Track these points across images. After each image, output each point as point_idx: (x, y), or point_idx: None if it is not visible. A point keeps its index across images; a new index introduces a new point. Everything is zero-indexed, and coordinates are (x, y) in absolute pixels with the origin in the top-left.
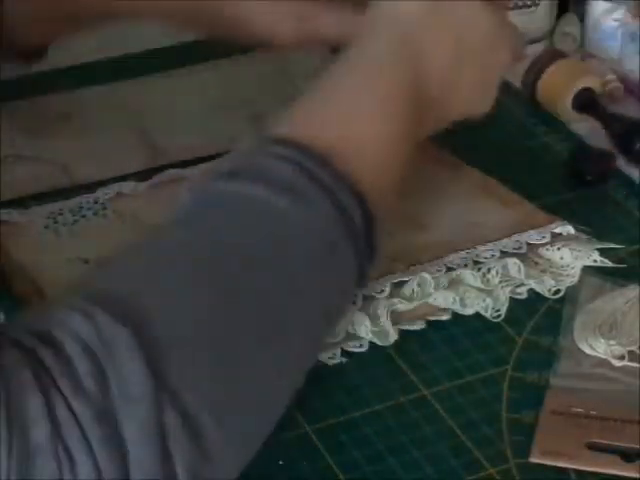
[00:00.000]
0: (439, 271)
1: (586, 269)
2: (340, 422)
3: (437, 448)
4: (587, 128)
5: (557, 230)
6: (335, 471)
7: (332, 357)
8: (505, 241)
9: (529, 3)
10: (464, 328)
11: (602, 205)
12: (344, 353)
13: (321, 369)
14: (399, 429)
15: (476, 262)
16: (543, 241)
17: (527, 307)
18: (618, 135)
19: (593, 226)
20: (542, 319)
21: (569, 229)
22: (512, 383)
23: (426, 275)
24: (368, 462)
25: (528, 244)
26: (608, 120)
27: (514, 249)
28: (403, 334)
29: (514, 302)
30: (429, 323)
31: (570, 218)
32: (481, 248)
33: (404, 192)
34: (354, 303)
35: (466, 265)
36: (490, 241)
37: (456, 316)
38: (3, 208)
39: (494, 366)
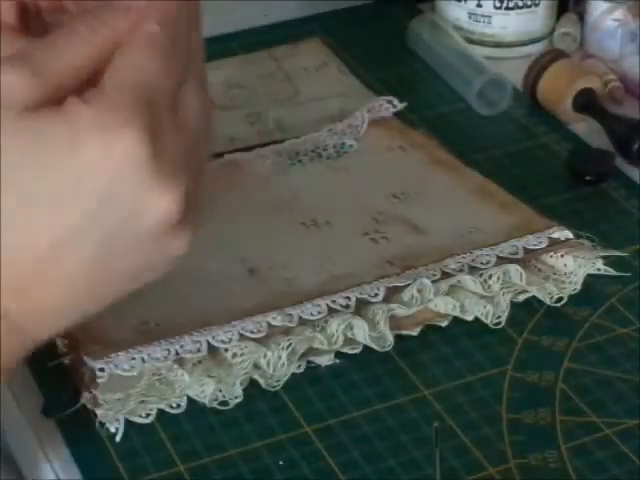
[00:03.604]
0: (434, 275)
1: None
2: (340, 422)
3: None
4: (587, 128)
5: (555, 235)
6: (335, 471)
7: (326, 360)
8: (502, 246)
9: (529, 3)
10: (464, 328)
11: (602, 205)
12: (338, 354)
13: (321, 369)
14: (399, 429)
15: (472, 267)
16: (540, 246)
17: (528, 307)
18: (618, 135)
19: (593, 226)
20: (542, 319)
21: (567, 234)
22: (512, 383)
23: (426, 281)
24: (368, 462)
25: (529, 250)
26: (608, 120)
27: (511, 254)
28: (403, 334)
29: (514, 302)
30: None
31: (570, 218)
32: (477, 253)
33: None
34: (347, 307)
35: (462, 270)
36: (487, 246)
37: (456, 316)
38: None
39: (494, 366)
